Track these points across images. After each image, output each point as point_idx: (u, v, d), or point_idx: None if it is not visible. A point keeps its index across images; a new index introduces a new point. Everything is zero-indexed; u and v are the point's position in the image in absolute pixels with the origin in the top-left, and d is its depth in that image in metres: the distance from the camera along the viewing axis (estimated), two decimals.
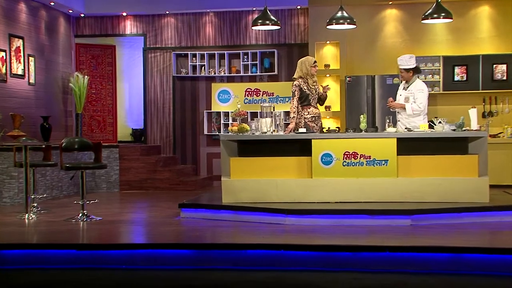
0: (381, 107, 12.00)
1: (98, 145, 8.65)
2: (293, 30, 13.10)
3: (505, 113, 12.31)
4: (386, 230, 7.37)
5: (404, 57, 8.99)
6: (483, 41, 12.49)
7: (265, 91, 13.11)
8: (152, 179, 12.35)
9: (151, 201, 10.57)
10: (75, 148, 8.64)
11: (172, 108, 13.50)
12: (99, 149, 8.61)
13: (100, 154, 8.59)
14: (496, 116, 12.34)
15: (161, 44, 13.56)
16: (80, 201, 8.58)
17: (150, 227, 7.93)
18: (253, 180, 8.51)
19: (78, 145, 8.63)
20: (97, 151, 8.63)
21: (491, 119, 12.23)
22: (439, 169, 8.30)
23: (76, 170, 8.54)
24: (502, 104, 12.37)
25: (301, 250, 6.45)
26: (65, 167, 8.40)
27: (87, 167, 8.54)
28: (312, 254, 6.39)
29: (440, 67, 12.29)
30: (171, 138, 13.49)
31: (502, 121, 12.29)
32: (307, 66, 9.20)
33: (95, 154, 8.69)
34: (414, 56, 9.15)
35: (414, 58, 9.01)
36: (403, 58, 8.97)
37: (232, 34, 13.34)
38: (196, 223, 8.16)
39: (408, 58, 8.95)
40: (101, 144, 8.69)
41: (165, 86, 13.54)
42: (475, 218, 7.75)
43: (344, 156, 8.41)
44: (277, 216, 7.90)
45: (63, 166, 8.42)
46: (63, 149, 8.48)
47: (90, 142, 8.73)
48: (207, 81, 13.44)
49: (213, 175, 13.32)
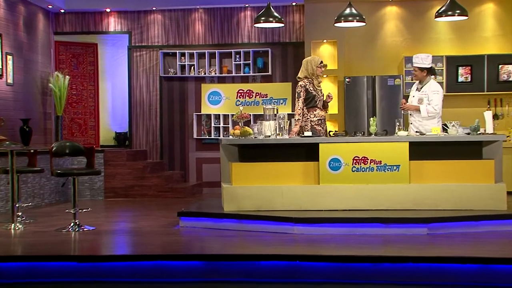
0: (382, 110, 12.03)
1: (90, 149, 8.54)
2: (288, 28, 13.09)
3: (511, 116, 12.40)
4: (402, 239, 7.36)
5: (420, 55, 9.00)
6: (487, 41, 12.58)
7: (258, 93, 13.08)
8: (140, 186, 12.25)
9: (142, 210, 10.46)
10: (66, 153, 8.54)
11: (159, 111, 13.40)
12: (92, 154, 8.51)
13: (93, 159, 8.48)
14: (501, 119, 12.43)
15: (147, 42, 13.47)
16: (71, 209, 8.46)
17: (150, 237, 7.83)
18: (256, 187, 8.46)
19: (70, 149, 8.53)
20: (89, 156, 8.52)
21: (497, 122, 12.31)
22: (453, 175, 8.32)
23: (68, 177, 8.39)
24: (508, 106, 12.46)
25: (318, 261, 6.41)
26: (57, 173, 8.28)
27: (80, 173, 8.43)
28: (330, 265, 6.36)
29: (443, 67, 12.34)
30: (158, 142, 13.40)
31: (508, 124, 12.38)
32: (312, 66, 9.18)
33: (87, 159, 8.58)
34: (431, 56, 9.15)
35: (430, 58, 9.03)
36: (419, 56, 8.98)
37: (223, 32, 13.29)
38: (197, 232, 8.09)
39: (424, 56, 8.96)
40: (94, 149, 8.59)
41: (151, 87, 13.44)
42: (493, 226, 7.77)
43: (353, 161, 8.40)
44: (285, 225, 7.86)
45: (54, 172, 8.30)
46: (53, 154, 8.36)
47: (82, 147, 8.63)
48: (196, 82, 13.37)
49: (203, 182, 13.25)
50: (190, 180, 13.31)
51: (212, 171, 13.22)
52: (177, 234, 8.03)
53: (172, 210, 10.30)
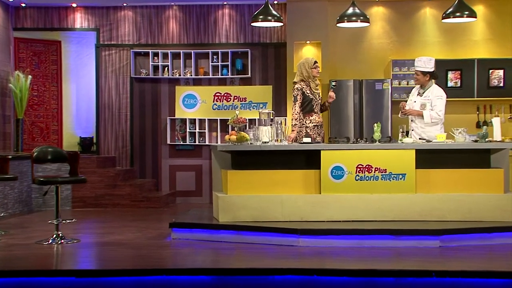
0: (369, 115, 12.10)
1: (74, 156, 8.39)
2: (268, 28, 13.08)
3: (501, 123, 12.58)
4: (414, 252, 7.42)
5: (423, 59, 9.11)
6: (477, 44, 12.81)
7: (237, 96, 13.04)
8: (111, 195, 12.08)
9: (120, 221, 10.31)
10: (48, 159, 8.38)
11: (130, 114, 13.24)
12: (76, 160, 8.35)
13: (77, 166, 8.33)
14: (491, 126, 12.59)
15: (117, 40, 13.30)
16: (54, 220, 8.31)
17: (145, 250, 7.72)
18: (254, 196, 8.43)
19: (52, 155, 8.39)
20: (73, 163, 8.36)
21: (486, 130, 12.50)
22: (460, 184, 8.43)
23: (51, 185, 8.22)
24: (498, 113, 12.68)
25: (337, 275, 6.42)
26: (39, 181, 8.11)
27: (64, 181, 8.27)
28: (349, 280, 6.37)
29: None
30: (128, 148, 13.23)
31: None
32: (307, 68, 9.22)
33: (70, 166, 8.41)
34: (434, 59, 9.26)
35: (433, 61, 9.16)
36: (422, 60, 9.10)
37: (200, 31, 13.22)
38: (193, 245, 8.02)
39: (427, 60, 9.08)
40: (79, 154, 8.43)
41: (121, 89, 13.27)
42: (506, 239, 7.89)
43: (357, 169, 8.43)
44: (290, 237, 7.85)
45: (36, 180, 8.13)
46: (34, 160, 8.18)
47: (65, 153, 8.49)
48: (170, 84, 13.25)
49: (177, 191, 13.13)
50: (163, 189, 13.17)
51: (187, 179, 13.13)
52: (173, 246, 7.95)
53: (154, 221, 10.26)
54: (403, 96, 12.57)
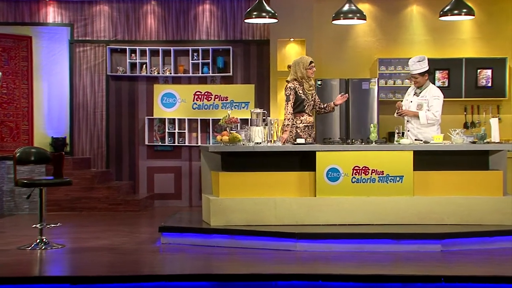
0: (355, 115, 12.13)
1: (59, 157, 8.30)
2: (250, 25, 13.06)
3: (488, 124, 12.72)
4: (416, 257, 7.47)
5: (416, 61, 9.18)
6: (465, 43, 12.93)
7: (218, 95, 13.00)
8: (88, 198, 11.96)
9: (101, 225, 10.23)
10: (32, 160, 8.27)
11: (106, 114, 13.12)
12: (61, 162, 8.26)
13: (61, 168, 8.24)
14: (478, 127, 12.77)
15: (92, 36, 13.17)
16: (38, 225, 8.21)
17: (137, 256, 7.69)
18: (247, 199, 8.42)
19: (35, 156, 8.31)
20: (57, 164, 8.26)
21: (474, 131, 12.64)
22: (459, 187, 8.50)
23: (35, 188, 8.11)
24: (485, 114, 12.83)
25: (343, 281, 6.44)
26: (22, 183, 8.01)
27: (48, 183, 8.17)
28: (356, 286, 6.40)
29: None
30: (104, 149, 13.11)
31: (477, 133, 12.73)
32: (301, 69, 9.24)
33: (54, 168, 8.32)
34: (426, 57, 9.33)
35: (426, 59, 9.21)
36: (415, 62, 9.16)
37: (179, 27, 13.16)
38: (183, 250, 7.98)
39: (421, 60, 9.14)
40: (63, 156, 8.33)
41: (96, 87, 13.15)
42: (507, 243, 7.97)
43: (353, 171, 8.46)
44: (286, 241, 7.85)
45: (19, 182, 8.02)
46: (17, 161, 8.06)
47: (48, 154, 8.39)
48: (148, 82, 13.16)
49: (155, 194, 13.05)
50: (141, 192, 13.08)
51: (165, 182, 13.06)
52: (164, 251, 7.91)
53: (137, 225, 10.22)
54: (390, 96, 12.67)
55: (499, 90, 12.62)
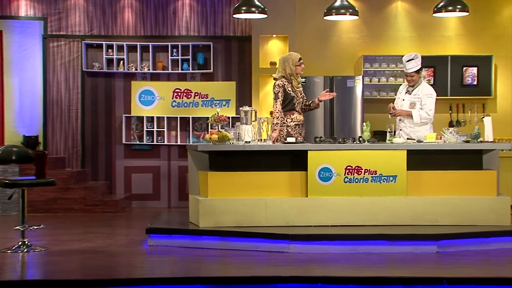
0: (340, 114, 12.18)
1: (42, 156, 8.21)
2: (232, 20, 13.05)
3: (473, 123, 12.87)
4: (413, 258, 7.54)
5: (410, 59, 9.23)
6: (450, 40, 13.06)
7: (198, 93, 12.97)
8: (64, 199, 11.86)
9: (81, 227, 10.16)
10: (13, 159, 8.16)
11: (81, 111, 13.01)
12: (44, 161, 8.17)
13: (45, 167, 8.15)
14: (463, 126, 12.90)
15: (66, 31, 13.05)
16: (20, 227, 8.11)
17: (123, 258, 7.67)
18: (237, 199, 8.41)
19: (17, 155, 8.20)
20: (40, 164, 8.18)
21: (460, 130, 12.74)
22: (453, 187, 8.58)
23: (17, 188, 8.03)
24: (471, 112, 12.97)
25: (343, 284, 6.46)
26: (4, 183, 7.92)
27: (32, 183, 8.09)
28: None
29: None
30: (79, 148, 12.99)
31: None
32: (290, 65, 9.25)
33: (37, 168, 8.23)
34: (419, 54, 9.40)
35: (420, 56, 9.28)
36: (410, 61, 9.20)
37: (158, 22, 13.09)
38: (172, 252, 7.96)
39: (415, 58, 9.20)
40: (46, 155, 8.25)
41: (71, 84, 13.03)
42: (503, 243, 8.08)
43: (345, 171, 8.50)
44: (279, 242, 7.86)
45: (1, 182, 7.92)
46: None
47: (31, 153, 8.29)
48: (125, 79, 13.08)
49: (132, 194, 12.97)
50: (117, 192, 12.99)
51: (143, 182, 13.00)
52: (153, 254, 7.89)
53: (119, 227, 10.19)
54: (374, 94, 12.74)
55: (484, 89, 12.77)
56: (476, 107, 12.98)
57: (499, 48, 12.93)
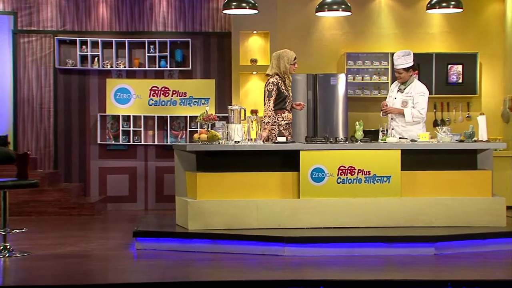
0: (323, 112, 12.22)
1: (23, 157, 8.14)
2: (211, 15, 13.04)
3: (458, 122, 13.01)
4: (411, 260, 7.60)
5: (400, 54, 9.33)
6: (434, 37, 13.18)
7: (176, 91, 12.93)
8: (37, 202, 11.74)
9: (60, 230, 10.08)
10: None
11: (53, 110, 12.90)
12: (26, 162, 8.10)
13: (26, 168, 8.09)
14: (448, 125, 13.01)
15: (38, 26, 12.92)
16: (1, 230, 8.03)
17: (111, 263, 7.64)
18: (227, 201, 8.40)
19: None
20: (22, 165, 8.10)
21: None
22: (447, 187, 8.66)
23: None
24: (455, 111, 13.11)
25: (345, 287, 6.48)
26: None
27: (14, 185, 8.00)
28: None
29: (388, 66, 12.76)
30: (52, 148, 12.87)
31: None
32: (286, 63, 9.30)
33: (18, 169, 8.15)
34: (412, 52, 9.47)
35: (412, 54, 9.35)
36: (400, 56, 9.30)
37: (134, 18, 13.02)
38: (161, 256, 7.92)
39: (406, 55, 9.29)
40: (28, 156, 8.17)
41: (43, 81, 12.91)
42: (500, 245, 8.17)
43: (338, 171, 8.53)
44: (273, 245, 7.87)
45: None
46: None
47: (12, 153, 8.23)
48: (100, 76, 12.99)
49: (108, 196, 12.89)
50: (92, 194, 12.90)
51: (119, 183, 12.92)
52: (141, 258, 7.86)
53: (100, 231, 10.16)
54: (358, 92, 12.82)
55: (469, 87, 12.93)
56: (461, 106, 13.13)
57: (484, 45, 13.08)
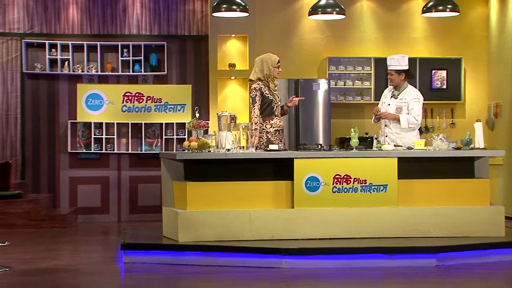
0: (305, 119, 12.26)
1: (5, 166, 8.05)
2: (187, 18, 13.01)
3: (442, 129, 13.15)
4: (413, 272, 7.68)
5: (395, 56, 9.41)
6: (417, 42, 13.32)
7: (150, 97, 12.87)
8: (4, 214, 11.52)
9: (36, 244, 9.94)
10: None
11: (20, 117, 12.74)
12: (8, 171, 8.00)
13: (9, 178, 7.99)
14: (432, 132, 13.15)
15: (3, 28, 12.76)
16: None
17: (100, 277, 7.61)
18: (218, 212, 8.40)
19: None
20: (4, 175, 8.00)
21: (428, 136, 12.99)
22: (445, 196, 8.75)
23: None
24: (439, 118, 13.25)
25: None
26: None
27: None
28: None
29: (371, 71, 12.87)
30: (19, 157, 12.66)
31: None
32: (269, 66, 9.30)
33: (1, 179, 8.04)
34: (407, 56, 9.55)
35: (407, 58, 9.44)
36: (394, 58, 9.38)
37: (106, 20, 12.94)
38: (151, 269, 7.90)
39: (400, 57, 9.36)
40: (11, 165, 8.07)
41: (10, 86, 12.76)
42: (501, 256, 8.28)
43: (334, 180, 8.56)
44: (270, 257, 7.89)
45: None
46: None
47: None
48: (71, 81, 12.88)
49: (79, 208, 12.76)
50: (62, 206, 12.77)
51: (90, 194, 12.81)
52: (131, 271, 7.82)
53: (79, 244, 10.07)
54: (340, 99, 12.89)
55: (454, 93, 13.10)
56: (444, 112, 13.27)
57: (468, 50, 13.26)
